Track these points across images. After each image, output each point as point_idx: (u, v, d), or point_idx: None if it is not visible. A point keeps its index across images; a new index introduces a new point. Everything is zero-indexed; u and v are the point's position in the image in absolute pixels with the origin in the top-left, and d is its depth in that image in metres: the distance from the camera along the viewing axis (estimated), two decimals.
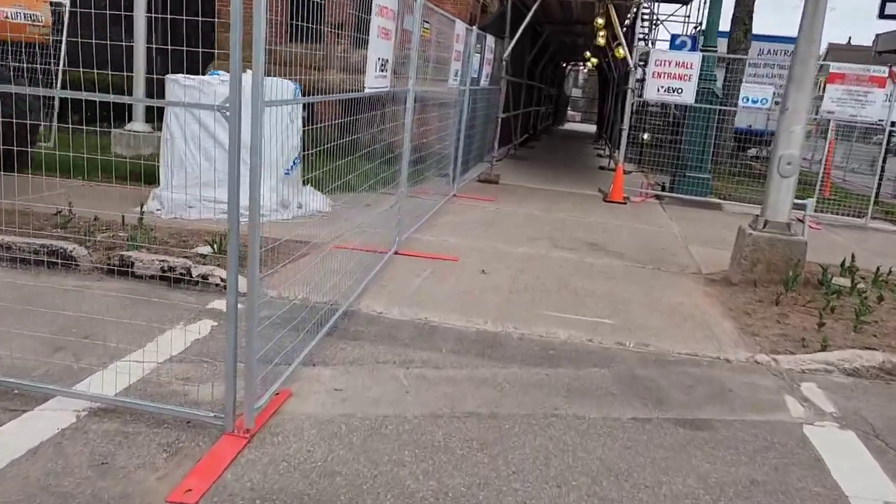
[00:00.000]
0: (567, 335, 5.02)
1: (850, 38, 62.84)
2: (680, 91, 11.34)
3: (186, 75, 7.81)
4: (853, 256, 7.26)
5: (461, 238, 7.76)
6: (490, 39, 11.13)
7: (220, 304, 5.01)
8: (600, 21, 12.15)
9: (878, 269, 7.05)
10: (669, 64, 11.36)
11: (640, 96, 11.96)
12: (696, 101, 11.44)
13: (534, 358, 4.62)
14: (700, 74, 11.31)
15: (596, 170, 15.92)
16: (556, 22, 15.88)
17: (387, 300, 5.40)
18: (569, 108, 46.53)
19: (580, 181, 13.50)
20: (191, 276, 5.23)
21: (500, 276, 6.41)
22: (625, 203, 11.20)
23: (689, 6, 22.74)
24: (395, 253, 6.78)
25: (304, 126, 8.53)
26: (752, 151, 24.64)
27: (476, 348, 4.69)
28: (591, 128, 36.03)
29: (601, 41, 15.32)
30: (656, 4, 22.18)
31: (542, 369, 4.45)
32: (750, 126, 22.84)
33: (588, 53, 22.69)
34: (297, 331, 4.32)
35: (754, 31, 18.17)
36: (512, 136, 16.15)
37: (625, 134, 11.73)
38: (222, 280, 5.26)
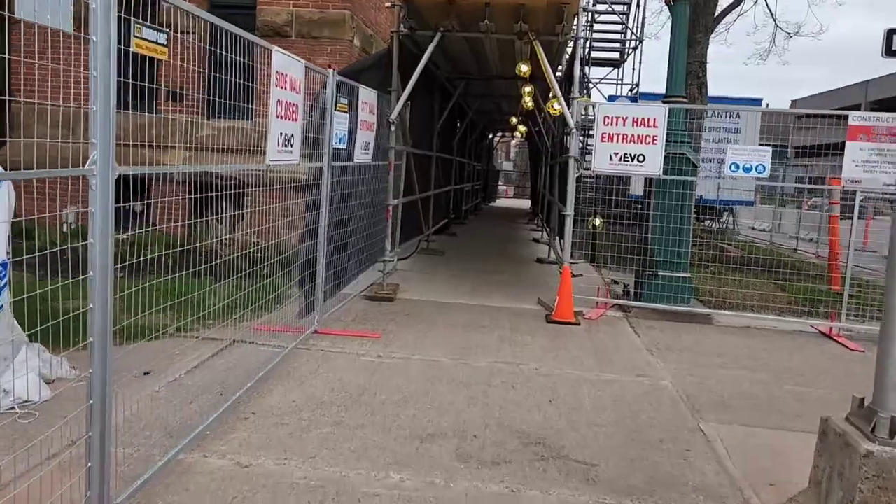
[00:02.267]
0: None
1: (767, 103, 63.30)
2: (642, 158, 8.03)
3: None
4: None
5: (283, 453, 3.92)
6: (367, 93, 7.61)
7: None
8: (524, 68, 8.88)
9: None
10: (623, 122, 8.09)
11: (588, 168, 8.60)
12: (666, 172, 8.15)
13: None
14: (667, 135, 8.08)
15: (533, 263, 12.40)
16: (471, 77, 12.67)
17: None
18: (500, 183, 44.03)
19: (513, 285, 9.90)
20: None
21: None
22: (578, 323, 7.61)
23: (621, 69, 20.35)
24: None
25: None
26: (708, 223, 21.93)
27: None
28: (526, 202, 33.15)
29: (528, 102, 12.16)
30: (586, 68, 19.61)
31: None
32: (701, 196, 20.11)
33: (514, 120, 19.73)
34: None
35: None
36: (423, 225, 12.59)
37: (569, 221, 8.25)
38: None
